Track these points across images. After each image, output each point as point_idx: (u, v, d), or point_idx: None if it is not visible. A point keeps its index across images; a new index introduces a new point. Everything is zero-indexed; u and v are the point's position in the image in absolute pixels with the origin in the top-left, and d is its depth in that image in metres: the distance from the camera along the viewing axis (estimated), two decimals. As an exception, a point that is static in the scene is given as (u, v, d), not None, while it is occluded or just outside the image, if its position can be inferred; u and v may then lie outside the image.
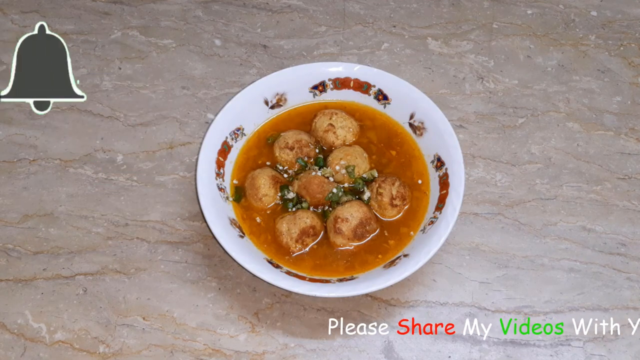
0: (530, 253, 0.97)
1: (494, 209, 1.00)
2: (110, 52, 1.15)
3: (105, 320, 0.91)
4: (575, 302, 0.93)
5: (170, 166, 1.04)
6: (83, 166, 1.04)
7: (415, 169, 0.97)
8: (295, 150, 0.97)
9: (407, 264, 0.87)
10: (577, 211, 1.00)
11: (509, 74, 1.13)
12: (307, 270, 0.90)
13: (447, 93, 1.11)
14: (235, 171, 0.98)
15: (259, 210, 0.95)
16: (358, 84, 1.01)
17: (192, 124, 1.08)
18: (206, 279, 0.94)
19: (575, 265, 0.96)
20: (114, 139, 1.06)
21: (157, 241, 0.97)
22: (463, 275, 0.95)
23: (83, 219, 0.99)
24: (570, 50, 1.16)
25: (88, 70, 1.12)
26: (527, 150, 1.05)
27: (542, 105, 1.10)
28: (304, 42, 1.16)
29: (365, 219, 0.91)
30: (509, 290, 0.93)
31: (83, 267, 0.95)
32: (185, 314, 0.91)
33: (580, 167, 1.04)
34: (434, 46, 1.16)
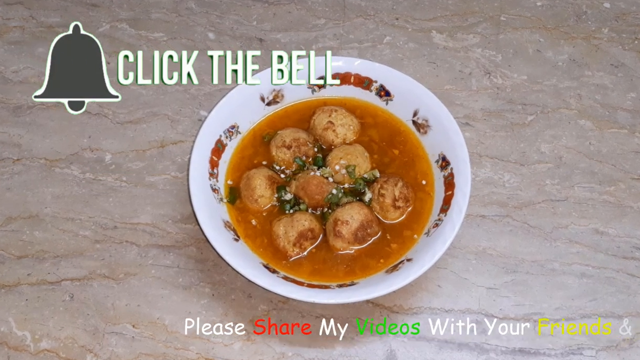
0: (540, 257, 0.97)
1: (501, 210, 1.01)
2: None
3: (93, 328, 0.92)
4: (587, 309, 0.93)
5: (161, 166, 1.05)
6: (70, 166, 1.05)
7: (419, 169, 0.98)
8: (293, 149, 0.97)
9: (411, 268, 0.87)
10: (589, 213, 1.01)
11: (517, 68, 1.14)
12: (305, 275, 0.90)
13: (452, 89, 1.12)
14: (229, 171, 0.98)
15: (254, 212, 0.95)
16: (359, 79, 1.02)
17: (185, 121, 1.09)
18: (199, 285, 0.95)
19: (587, 270, 0.96)
20: (102, 137, 1.07)
21: (148, 245, 0.98)
22: (469, 280, 0.95)
23: (70, 221, 1.00)
24: (582, 43, 1.16)
25: (74, 65, 1.13)
26: (537, 149, 1.06)
27: (553, 101, 1.11)
28: (302, 35, 1.17)
29: (367, 221, 0.92)
30: (518, 297, 0.94)
31: (70, 272, 0.96)
32: (177, 322, 0.92)
33: (593, 166, 1.05)
34: (439, 39, 1.17)
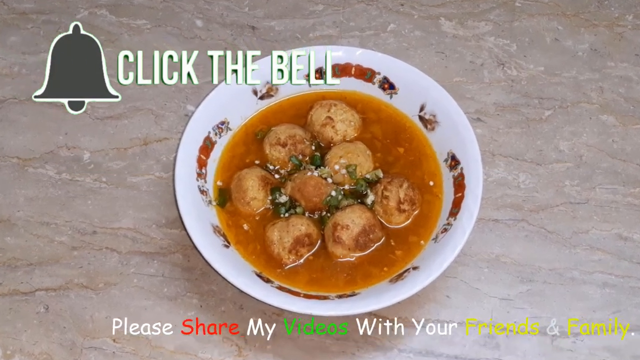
0: (558, 265, 0.96)
1: (516, 214, 1.00)
2: (76, 35, 1.15)
3: (70, 342, 0.91)
4: (610, 322, 0.92)
5: (144, 165, 1.04)
6: (44, 165, 1.04)
7: (426, 169, 0.97)
8: (289, 147, 0.97)
9: (417, 277, 0.86)
10: (612, 217, 1.00)
11: (533, 59, 1.13)
12: (301, 285, 0.90)
13: (462, 81, 1.11)
14: (219, 171, 0.98)
15: (246, 216, 0.95)
16: (360, 71, 1.01)
17: (170, 116, 1.08)
18: (186, 295, 0.94)
19: (610, 279, 0.96)
20: (79, 134, 1.07)
21: (130, 252, 0.97)
22: (481, 290, 0.94)
23: (44, 226, 0.99)
24: (604, 32, 1.16)
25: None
26: (555, 147, 1.05)
27: (572, 95, 1.10)
28: (298, 22, 1.16)
29: (369, 226, 0.91)
30: (534, 308, 0.93)
31: (44, 282, 0.95)
32: (161, 335, 0.91)
33: (616, 166, 1.04)
34: (448, 27, 1.16)
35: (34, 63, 1.12)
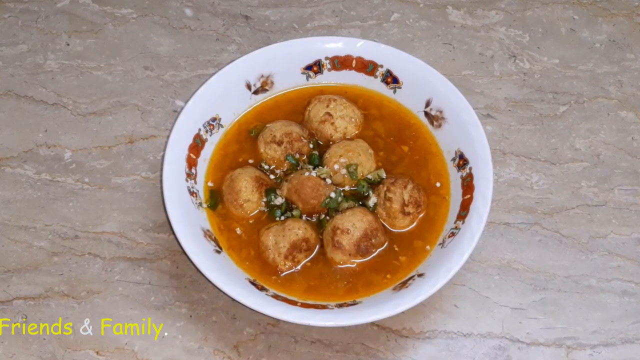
0: (574, 272, 0.97)
1: (529, 217, 1.00)
2: (56, 25, 1.15)
3: (50, 355, 0.91)
4: (629, 333, 0.93)
5: (129, 165, 1.05)
6: (22, 165, 1.04)
7: (432, 169, 0.97)
8: (285, 145, 0.97)
9: (422, 285, 0.87)
10: (632, 220, 1.00)
11: (547, 51, 1.14)
12: (298, 293, 0.90)
13: (471, 75, 1.12)
14: (210, 171, 0.98)
15: (239, 220, 0.95)
16: (362, 63, 1.02)
17: (157, 112, 1.08)
18: (174, 304, 0.94)
19: (629, 287, 0.96)
20: (60, 132, 1.07)
21: (114, 257, 0.98)
22: (491, 299, 0.95)
23: (22, 230, 1.00)
24: (623, 22, 1.16)
25: (29, 47, 1.13)
26: (570, 145, 1.06)
27: (589, 89, 1.11)
28: (294, 11, 1.17)
29: (371, 230, 0.91)
30: (548, 318, 0.94)
31: (23, 290, 0.95)
32: (148, 348, 0.92)
33: (636, 166, 1.05)
34: (456, 17, 1.17)
35: (11, 55, 1.12)
